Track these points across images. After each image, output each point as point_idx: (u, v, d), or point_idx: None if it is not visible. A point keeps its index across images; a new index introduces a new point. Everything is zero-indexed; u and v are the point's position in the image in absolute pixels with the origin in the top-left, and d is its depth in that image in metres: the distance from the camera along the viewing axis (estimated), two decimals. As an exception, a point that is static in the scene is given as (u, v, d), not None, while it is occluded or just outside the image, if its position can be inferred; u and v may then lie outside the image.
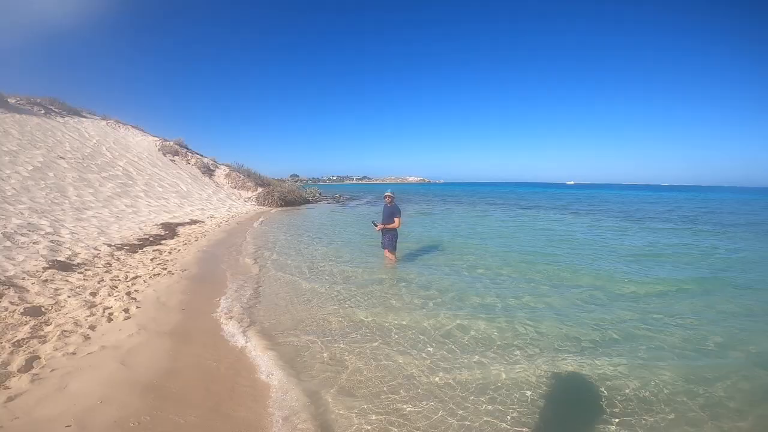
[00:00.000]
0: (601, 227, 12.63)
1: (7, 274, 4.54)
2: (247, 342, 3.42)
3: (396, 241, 7.05)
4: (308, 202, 24.36)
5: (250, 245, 8.67)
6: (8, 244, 5.58)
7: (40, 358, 2.80)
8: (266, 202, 20.29)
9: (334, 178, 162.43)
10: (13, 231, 6.18)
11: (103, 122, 21.82)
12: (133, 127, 23.57)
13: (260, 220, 14.13)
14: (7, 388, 2.38)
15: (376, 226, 7.01)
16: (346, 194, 34.44)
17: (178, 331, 3.58)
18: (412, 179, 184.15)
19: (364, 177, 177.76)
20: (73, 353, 2.91)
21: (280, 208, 19.83)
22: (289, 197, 21.77)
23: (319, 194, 28.18)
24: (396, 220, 6.81)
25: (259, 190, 21.76)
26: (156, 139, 22.89)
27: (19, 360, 2.69)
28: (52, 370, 2.63)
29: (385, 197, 7.00)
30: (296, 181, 34.43)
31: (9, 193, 8.33)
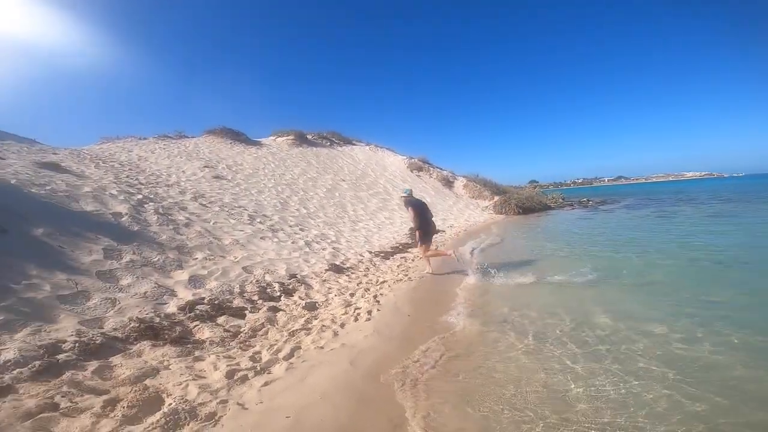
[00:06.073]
0: None
1: (302, 273, 6.00)
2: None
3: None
4: (550, 208, 22.07)
5: (478, 253, 8.32)
6: (307, 250, 7.50)
7: (301, 348, 3.32)
8: (503, 210, 19.74)
9: (580, 180, 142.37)
10: (311, 240, 8.33)
11: (367, 147, 27.45)
12: (387, 149, 28.47)
13: (494, 228, 13.68)
14: (269, 373, 2.86)
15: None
16: (596, 197, 29.14)
17: (401, 337, 3.61)
18: (690, 175, 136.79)
19: (620, 177, 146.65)
20: (322, 347, 3.30)
21: (518, 216, 18.85)
22: (527, 204, 20.45)
23: (562, 199, 25.11)
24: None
25: (496, 198, 21.47)
26: (404, 158, 26.72)
27: (287, 348, 3.26)
28: (304, 362, 3.03)
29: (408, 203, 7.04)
30: (535, 187, 32.14)
31: (312, 210, 11.51)
